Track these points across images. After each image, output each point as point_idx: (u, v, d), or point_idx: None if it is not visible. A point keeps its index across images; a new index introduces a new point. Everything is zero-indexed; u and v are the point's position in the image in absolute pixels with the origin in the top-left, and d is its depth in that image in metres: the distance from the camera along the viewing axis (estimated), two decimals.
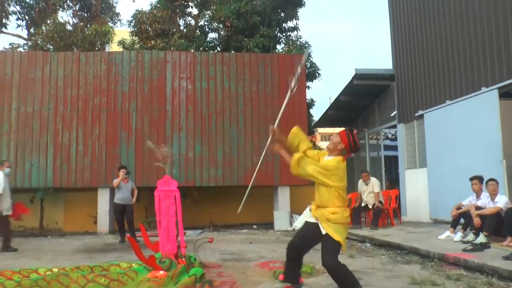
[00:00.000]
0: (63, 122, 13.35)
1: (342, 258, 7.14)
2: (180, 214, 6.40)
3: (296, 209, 13.68)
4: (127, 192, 10.91)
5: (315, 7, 62.42)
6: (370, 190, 11.46)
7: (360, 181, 11.81)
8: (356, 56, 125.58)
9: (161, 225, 6.31)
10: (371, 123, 16.97)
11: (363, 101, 16.62)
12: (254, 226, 14.11)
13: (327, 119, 19.49)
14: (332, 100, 18.33)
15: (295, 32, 19.58)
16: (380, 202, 11.36)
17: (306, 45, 18.46)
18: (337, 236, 4.50)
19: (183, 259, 6.13)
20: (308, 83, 18.47)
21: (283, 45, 19.16)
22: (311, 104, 19.60)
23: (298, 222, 12.85)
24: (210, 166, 13.43)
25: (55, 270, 6.04)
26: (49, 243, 11.20)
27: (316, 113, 25.59)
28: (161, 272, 5.68)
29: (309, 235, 4.80)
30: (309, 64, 18.12)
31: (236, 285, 5.63)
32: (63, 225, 14.96)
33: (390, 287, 5.36)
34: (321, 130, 33.22)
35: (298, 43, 18.56)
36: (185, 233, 7.35)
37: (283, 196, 13.60)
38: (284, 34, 19.71)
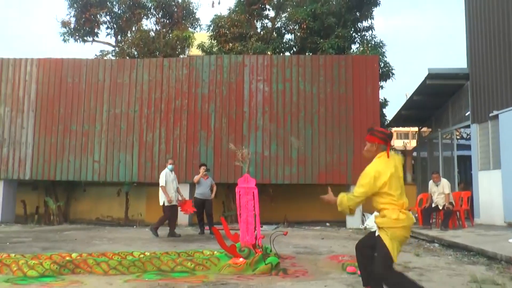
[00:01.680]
0: (147, 123, 14.44)
1: (408, 256, 7.54)
2: (258, 209, 7.00)
3: (368, 208, 13.85)
4: (207, 188, 11.70)
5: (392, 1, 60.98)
6: (441, 191, 11.53)
7: (431, 182, 11.90)
8: (436, 50, 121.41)
9: (241, 218, 6.95)
10: (444, 122, 16.81)
11: (437, 100, 16.48)
12: (327, 224, 14.44)
13: (401, 119, 19.42)
14: (407, 98, 18.25)
15: (370, 32, 19.60)
16: (451, 203, 11.39)
17: (381, 44, 18.50)
18: (387, 241, 4.16)
19: (260, 249, 6.73)
20: (382, 83, 18.54)
21: (358, 45, 19.30)
22: (384, 103, 19.61)
23: (370, 221, 13.11)
24: (285, 165, 13.96)
25: (147, 253, 6.87)
26: (136, 232, 12.27)
27: (392, 111, 25.39)
28: (241, 259, 6.34)
29: (368, 237, 4.70)
30: (382, 64, 18.15)
31: (307, 274, 6.16)
32: (145, 216, 16.13)
33: (450, 283, 5.64)
34: (397, 128, 32.86)
35: (373, 42, 18.61)
36: (261, 227, 7.96)
37: None
38: (359, 34, 19.73)
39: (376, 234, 4.28)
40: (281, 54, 18.67)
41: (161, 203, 11.13)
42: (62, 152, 14.52)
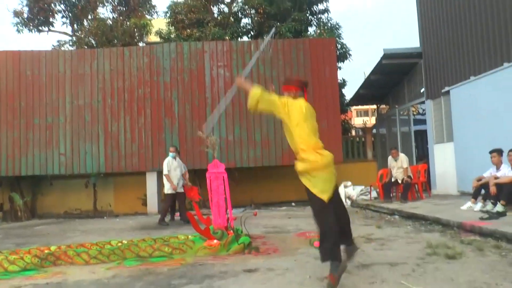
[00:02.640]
0: (111, 113, 14.49)
1: (370, 229, 8.09)
2: (228, 192, 7.36)
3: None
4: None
5: None
6: (399, 165, 12.18)
7: (390, 157, 12.53)
8: (390, 30, 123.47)
9: (212, 202, 7.29)
10: (401, 99, 17.50)
11: (393, 78, 17.12)
12: (293, 204, 14.89)
13: (359, 98, 20.04)
14: (365, 77, 18.85)
15: (326, 14, 20.04)
16: (409, 176, 12.06)
17: (337, 26, 18.96)
18: (309, 184, 4.39)
19: (232, 231, 7.10)
20: (339, 64, 19.07)
21: (314, 28, 19.68)
22: (342, 84, 20.18)
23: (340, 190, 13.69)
24: (249, 148, 14.31)
25: (125, 241, 7.13)
26: (107, 222, 12.42)
27: (351, 90, 26.08)
28: (215, 241, 6.70)
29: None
30: (339, 45, 18.64)
31: (278, 250, 6.60)
32: (114, 207, 16.26)
33: (408, 249, 6.17)
34: (356, 107, 33.66)
35: (329, 25, 19.04)
36: (235, 218, 8.35)
37: None
38: (315, 16, 20.14)
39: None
40: (239, 38, 18.90)
41: (166, 192, 11.19)
42: (26, 147, 14.43)
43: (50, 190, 16.66)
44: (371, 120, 38.89)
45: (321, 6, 20.06)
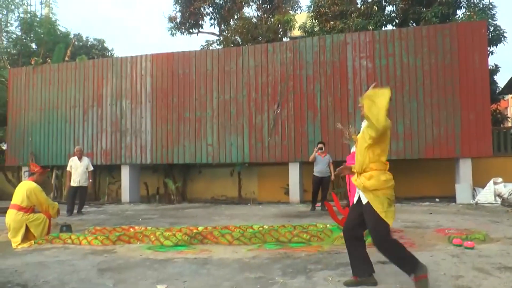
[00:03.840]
0: (255, 106, 15.09)
1: None
2: None
3: (479, 182, 13.48)
4: (325, 165, 11.88)
5: None
6: None
7: None
8: None
9: (350, 193, 7.30)
10: None
11: None
12: (437, 200, 14.22)
13: None
14: None
15: None
16: None
17: (490, 6, 17.38)
18: (377, 204, 4.11)
19: None
20: (492, 48, 17.62)
21: (464, 10, 18.29)
22: (495, 70, 18.59)
23: (481, 196, 12.77)
24: (392, 140, 13.90)
25: (266, 227, 7.47)
26: (250, 209, 13.03)
27: (505, 77, 23.98)
28: None
29: (352, 215, 4.52)
30: (492, 28, 17.18)
31: (415, 245, 6.40)
32: (258, 195, 16.99)
33: None
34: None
35: (481, 5, 17.47)
36: None
37: (465, 168, 13.37)
38: None
39: (365, 202, 4.20)
40: (383, 28, 18.37)
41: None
42: (178, 138, 15.71)
43: (199, 177, 18.06)
44: None
45: None
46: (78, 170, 12.17)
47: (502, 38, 17.41)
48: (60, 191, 17.56)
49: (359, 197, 4.34)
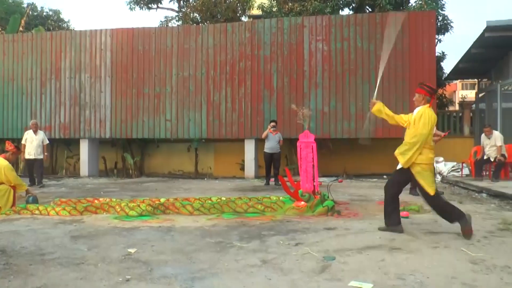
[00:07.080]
0: (214, 84, 15.55)
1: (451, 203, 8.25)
2: (316, 160, 8.02)
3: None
4: (275, 142, 12.56)
5: None
6: (493, 143, 11.97)
7: (483, 135, 12.30)
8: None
9: (301, 168, 7.98)
10: (505, 74, 16.81)
11: (497, 52, 16.45)
12: (384, 176, 15.13)
13: (459, 72, 19.47)
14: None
15: None
16: (503, 155, 11.80)
17: None
18: (423, 176, 5.62)
19: (318, 195, 7.76)
20: (439, 37, 18.65)
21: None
22: (441, 57, 19.68)
23: (441, 166, 13.80)
24: (344, 120, 14.71)
25: (223, 198, 8.07)
26: (207, 183, 13.60)
27: (451, 64, 25.10)
28: (302, 203, 7.41)
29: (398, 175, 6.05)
30: (440, 17, 18.18)
31: (358, 215, 7.22)
32: (214, 170, 17.56)
33: (481, 224, 6.36)
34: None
35: None
36: (320, 183, 8.99)
37: None
38: None
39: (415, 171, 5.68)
40: (340, 11, 18.99)
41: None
42: (137, 113, 15.99)
43: (156, 152, 18.45)
44: (470, 95, 36.77)
45: None
46: (33, 143, 12.42)
47: (449, 28, 18.53)
48: (16, 165, 17.52)
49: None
